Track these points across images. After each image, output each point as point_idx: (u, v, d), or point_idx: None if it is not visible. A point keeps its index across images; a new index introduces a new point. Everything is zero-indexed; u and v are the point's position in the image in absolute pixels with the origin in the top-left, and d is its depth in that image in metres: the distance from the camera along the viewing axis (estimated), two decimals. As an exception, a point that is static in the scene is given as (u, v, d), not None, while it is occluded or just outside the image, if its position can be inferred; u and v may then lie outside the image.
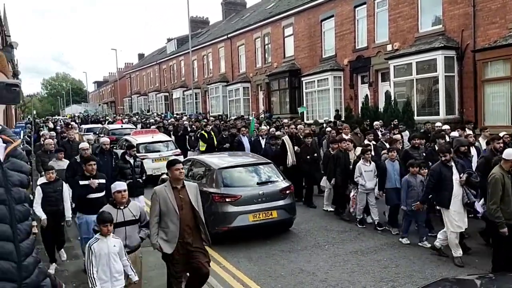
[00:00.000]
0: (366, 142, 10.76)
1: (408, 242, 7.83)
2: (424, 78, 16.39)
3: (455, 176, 6.94)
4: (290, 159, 11.47)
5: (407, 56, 16.78)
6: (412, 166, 7.97)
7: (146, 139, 14.68)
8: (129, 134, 17.07)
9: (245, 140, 13.43)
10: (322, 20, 22.58)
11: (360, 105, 18.99)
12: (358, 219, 9.17)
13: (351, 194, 9.35)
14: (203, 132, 15.51)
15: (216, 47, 33.99)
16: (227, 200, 7.86)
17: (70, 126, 21.31)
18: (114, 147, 15.72)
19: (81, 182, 6.63)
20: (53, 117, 46.00)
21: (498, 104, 14.46)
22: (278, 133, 14.23)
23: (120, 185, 5.35)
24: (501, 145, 8.16)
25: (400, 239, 7.94)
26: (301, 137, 11.93)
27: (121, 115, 41.33)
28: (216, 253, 7.60)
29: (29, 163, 11.80)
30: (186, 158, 11.97)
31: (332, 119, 18.84)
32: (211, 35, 37.02)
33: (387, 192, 8.66)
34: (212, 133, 15.26)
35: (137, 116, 34.75)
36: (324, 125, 16.42)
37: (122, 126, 22.75)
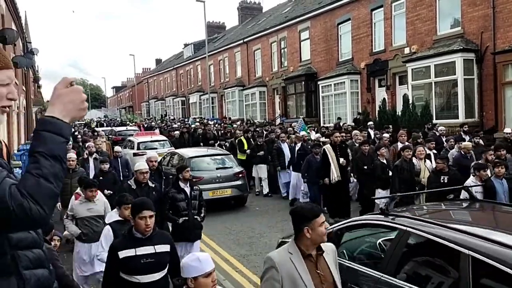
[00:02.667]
0: (427, 151, 9.22)
1: None
2: (443, 81, 16.16)
3: None
4: (335, 174, 9.53)
5: (425, 59, 16.57)
6: None
7: (146, 139, 17.41)
8: (133, 135, 19.39)
9: (285, 147, 12.35)
10: (338, 24, 22.49)
11: (377, 108, 18.82)
12: None
13: None
14: (242, 138, 14.29)
15: (232, 51, 34.13)
16: (193, 180, 9.68)
17: (95, 133, 19.06)
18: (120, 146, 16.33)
19: (123, 254, 3.62)
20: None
21: (520, 107, 14.18)
22: (322, 139, 12.50)
23: (206, 263, 2.84)
24: None
25: None
26: (357, 144, 10.74)
27: (143, 119, 41.51)
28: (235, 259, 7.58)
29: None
30: (167, 151, 14.48)
31: (351, 123, 18.67)
32: (227, 40, 37.21)
33: None
34: (252, 140, 14.14)
35: (154, 122, 34.98)
36: (370, 131, 14.43)
37: (127, 128, 25.84)
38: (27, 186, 1.50)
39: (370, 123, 15.85)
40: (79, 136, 16.96)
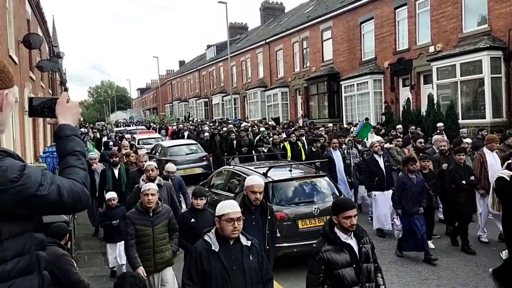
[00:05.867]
0: None
1: None
2: (469, 80, 15.75)
3: None
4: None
5: (451, 58, 16.19)
6: None
7: (144, 136, 22.27)
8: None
9: (337, 155, 10.25)
10: (361, 23, 22.21)
11: (401, 108, 18.51)
12: None
13: None
14: (286, 144, 12.44)
15: (255, 52, 34.15)
16: (169, 162, 13.87)
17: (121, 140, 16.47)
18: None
19: None
20: (98, 123, 47.36)
21: (550, 106, 13.70)
22: (387, 145, 10.51)
23: None
24: None
25: None
26: (437, 152, 8.83)
27: (174, 121, 40.43)
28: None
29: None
30: (154, 144, 18.25)
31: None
32: (250, 41, 37.26)
33: None
34: (300, 144, 12.24)
35: (182, 124, 34.45)
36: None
37: (137, 127, 30.37)
38: (82, 177, 1.85)
39: (439, 124, 13.30)
40: (110, 142, 14.82)
